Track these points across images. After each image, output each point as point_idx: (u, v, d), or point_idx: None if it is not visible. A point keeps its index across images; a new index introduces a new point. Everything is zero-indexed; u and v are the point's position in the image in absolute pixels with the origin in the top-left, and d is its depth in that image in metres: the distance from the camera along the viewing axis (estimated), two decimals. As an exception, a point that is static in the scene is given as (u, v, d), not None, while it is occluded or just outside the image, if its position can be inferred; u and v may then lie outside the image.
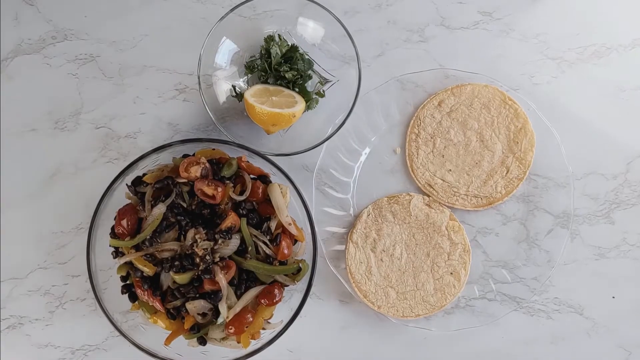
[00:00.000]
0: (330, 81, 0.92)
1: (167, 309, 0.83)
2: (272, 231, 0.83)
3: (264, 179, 0.85)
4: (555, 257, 0.91)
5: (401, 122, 0.95)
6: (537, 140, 0.92)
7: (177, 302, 0.82)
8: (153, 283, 0.83)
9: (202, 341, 0.83)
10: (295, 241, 0.85)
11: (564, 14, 0.95)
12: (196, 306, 0.81)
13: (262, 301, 0.82)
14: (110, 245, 0.83)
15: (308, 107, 0.90)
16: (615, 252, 0.93)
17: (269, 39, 0.90)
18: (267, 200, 0.84)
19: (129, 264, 0.84)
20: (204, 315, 0.82)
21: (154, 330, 0.84)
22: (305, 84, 0.91)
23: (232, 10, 0.86)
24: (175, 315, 0.83)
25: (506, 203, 0.93)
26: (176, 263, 0.80)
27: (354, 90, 0.86)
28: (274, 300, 0.82)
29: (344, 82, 0.91)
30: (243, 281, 0.82)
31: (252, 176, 0.85)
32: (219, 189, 0.80)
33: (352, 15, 0.95)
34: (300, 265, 0.83)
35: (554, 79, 0.95)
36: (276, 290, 0.82)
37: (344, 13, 0.95)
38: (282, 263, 0.82)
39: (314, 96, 0.91)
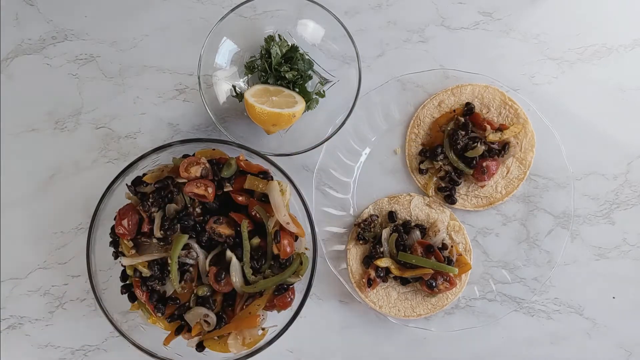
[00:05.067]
0: (330, 81, 0.92)
1: (169, 314, 0.84)
2: (270, 230, 0.83)
3: (265, 174, 0.85)
4: (555, 258, 0.90)
5: (401, 122, 0.95)
6: (538, 140, 0.92)
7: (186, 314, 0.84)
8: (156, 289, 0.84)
9: (200, 347, 0.83)
10: (297, 237, 0.85)
11: (564, 14, 0.95)
12: (194, 314, 0.82)
13: (275, 304, 0.83)
14: (123, 265, 0.84)
15: (308, 107, 0.90)
16: (615, 253, 0.93)
17: (269, 39, 0.90)
18: (266, 198, 0.84)
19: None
20: (206, 322, 0.82)
21: (153, 331, 0.84)
22: (305, 84, 0.91)
23: (232, 10, 0.86)
24: (176, 317, 0.84)
25: (506, 203, 0.93)
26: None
27: (354, 90, 0.86)
28: (287, 302, 0.83)
29: (344, 82, 0.91)
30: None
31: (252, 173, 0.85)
32: (210, 189, 0.81)
33: (352, 16, 0.95)
34: (302, 258, 0.84)
35: (554, 79, 0.95)
36: (289, 295, 0.83)
37: (344, 13, 0.95)
38: (282, 260, 0.83)
39: (314, 96, 0.91)
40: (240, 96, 0.91)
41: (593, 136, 0.94)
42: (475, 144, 0.89)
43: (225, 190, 0.83)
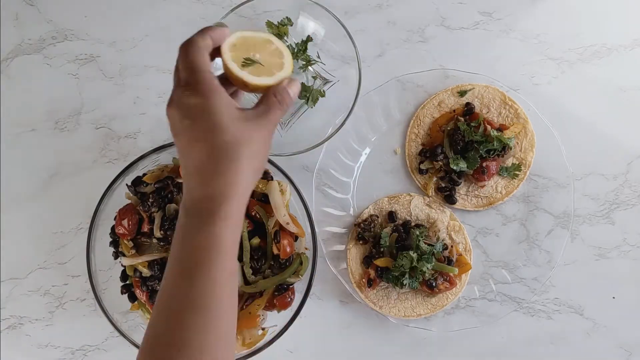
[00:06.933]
0: (330, 81, 0.92)
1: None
2: (270, 230, 0.83)
3: (265, 174, 0.85)
4: (555, 258, 0.90)
5: (401, 122, 0.95)
6: (538, 140, 0.92)
7: None
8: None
9: None
10: (297, 237, 0.85)
11: (564, 14, 0.95)
12: None
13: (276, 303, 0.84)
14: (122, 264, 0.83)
15: (310, 102, 0.89)
16: (615, 253, 0.93)
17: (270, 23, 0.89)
18: (266, 198, 0.84)
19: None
20: None
21: (153, 331, 0.84)
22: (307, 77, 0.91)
23: (232, 10, 0.86)
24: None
25: (506, 203, 0.93)
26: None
27: (354, 90, 0.86)
28: (287, 302, 0.83)
29: (344, 82, 0.91)
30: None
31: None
32: None
33: (352, 16, 0.95)
34: (302, 258, 0.84)
35: (554, 79, 0.95)
36: (289, 295, 0.83)
37: (344, 13, 0.95)
38: (282, 260, 0.83)
39: (317, 86, 0.90)
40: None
41: (593, 136, 0.94)
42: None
43: (225, 190, 0.83)
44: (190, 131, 0.53)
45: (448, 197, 0.92)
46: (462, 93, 0.92)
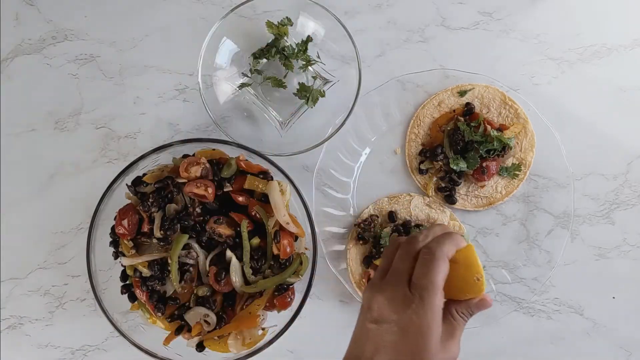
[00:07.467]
0: (330, 81, 0.92)
1: (169, 314, 0.84)
2: (270, 230, 0.83)
3: (265, 174, 0.85)
4: (555, 258, 0.91)
5: (401, 122, 0.95)
6: (538, 140, 0.92)
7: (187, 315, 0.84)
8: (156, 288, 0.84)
9: (201, 347, 0.83)
10: (297, 237, 0.85)
11: (564, 14, 0.95)
12: (194, 314, 0.82)
13: (276, 303, 0.84)
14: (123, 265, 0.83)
15: (310, 100, 0.89)
16: (615, 253, 0.93)
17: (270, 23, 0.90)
18: (266, 198, 0.84)
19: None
20: (206, 322, 0.82)
21: (153, 331, 0.84)
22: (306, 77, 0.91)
23: (232, 10, 0.86)
24: (176, 317, 0.84)
25: (506, 203, 0.93)
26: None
27: (354, 90, 0.86)
28: (287, 302, 0.83)
29: (344, 82, 0.91)
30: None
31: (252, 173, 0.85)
32: (209, 189, 0.81)
33: (352, 16, 0.95)
34: (302, 258, 0.84)
35: (554, 79, 0.95)
36: (289, 295, 0.83)
37: (344, 13, 0.95)
38: (282, 260, 0.83)
39: (316, 86, 0.90)
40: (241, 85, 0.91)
41: (593, 136, 0.94)
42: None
43: (225, 190, 0.83)
44: (393, 339, 0.54)
45: (448, 197, 0.92)
46: (462, 93, 0.92)
